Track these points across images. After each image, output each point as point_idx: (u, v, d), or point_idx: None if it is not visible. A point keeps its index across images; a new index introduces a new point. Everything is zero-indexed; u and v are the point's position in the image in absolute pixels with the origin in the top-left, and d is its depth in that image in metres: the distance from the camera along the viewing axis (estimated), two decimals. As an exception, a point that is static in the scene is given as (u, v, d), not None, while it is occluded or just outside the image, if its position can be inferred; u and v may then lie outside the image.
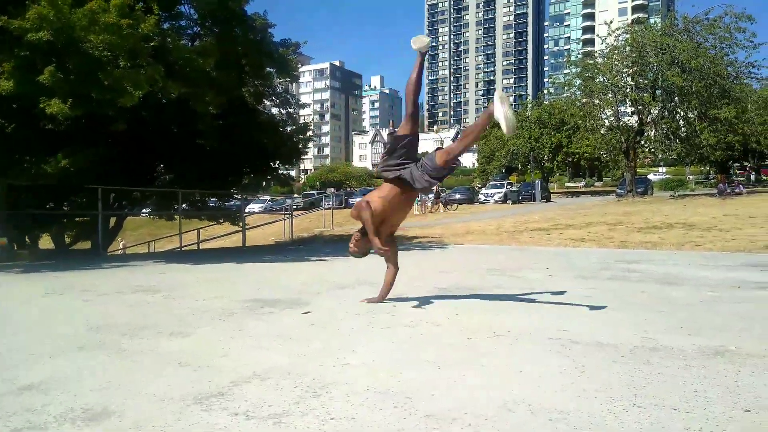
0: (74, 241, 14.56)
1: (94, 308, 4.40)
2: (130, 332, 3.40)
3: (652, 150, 31.18)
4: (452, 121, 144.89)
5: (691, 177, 53.24)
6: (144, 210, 15.60)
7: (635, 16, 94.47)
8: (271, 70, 12.73)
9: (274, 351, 2.94)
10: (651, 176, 50.40)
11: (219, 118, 11.53)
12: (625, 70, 27.46)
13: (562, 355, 2.75)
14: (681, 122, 27.26)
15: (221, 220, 16.66)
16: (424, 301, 4.42)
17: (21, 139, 9.32)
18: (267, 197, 32.68)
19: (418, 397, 2.15)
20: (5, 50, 7.77)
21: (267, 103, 14.80)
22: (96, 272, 7.48)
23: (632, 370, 2.48)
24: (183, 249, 14.53)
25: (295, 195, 32.06)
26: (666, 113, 27.08)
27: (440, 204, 28.71)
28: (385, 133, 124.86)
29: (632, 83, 27.40)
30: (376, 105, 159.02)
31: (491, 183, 42.63)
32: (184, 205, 13.89)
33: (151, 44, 8.31)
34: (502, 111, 3.52)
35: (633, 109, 28.02)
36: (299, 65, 16.41)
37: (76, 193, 12.02)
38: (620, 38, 27.66)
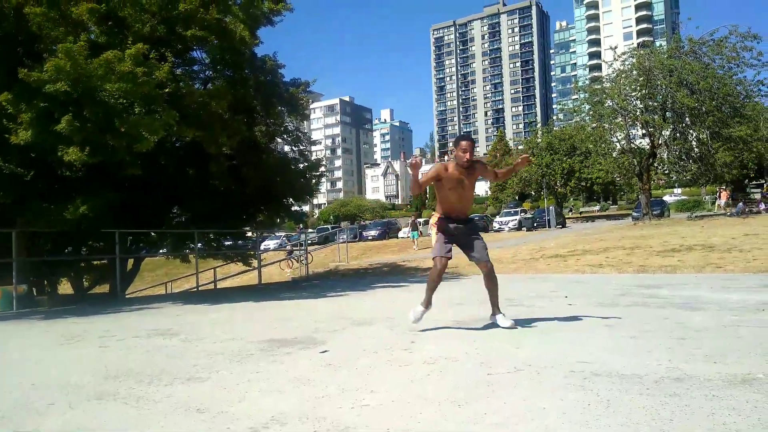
0: (93, 285, 14.69)
1: (111, 354, 4.40)
2: (148, 379, 3.39)
3: (666, 171, 30.97)
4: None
5: (707, 197, 52.70)
6: (161, 251, 15.72)
7: (641, 40, 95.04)
8: (282, 109, 12.96)
9: (292, 394, 2.91)
10: (666, 198, 50.00)
11: (231, 159, 11.71)
12: (633, 94, 27.50)
13: (585, 389, 2.68)
14: (693, 143, 27.14)
15: (236, 259, 16.72)
16: (441, 335, 4.37)
17: (39, 186, 9.50)
18: (282, 234, 32.85)
19: (439, 438, 2.10)
20: (24, 101, 7.96)
21: (279, 141, 15.00)
22: (114, 316, 7.51)
23: (658, 403, 2.42)
24: (200, 289, 14.58)
25: (310, 230, 32.22)
26: (678, 134, 27.00)
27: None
28: (396, 165, 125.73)
29: (642, 106, 27.42)
30: (387, 137, 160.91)
31: (505, 211, 42.48)
32: (199, 245, 13.99)
33: (166, 90, 8.51)
34: None
35: (644, 131, 27.97)
36: (310, 102, 16.67)
37: (93, 238, 12.17)
38: (627, 62, 27.80)
